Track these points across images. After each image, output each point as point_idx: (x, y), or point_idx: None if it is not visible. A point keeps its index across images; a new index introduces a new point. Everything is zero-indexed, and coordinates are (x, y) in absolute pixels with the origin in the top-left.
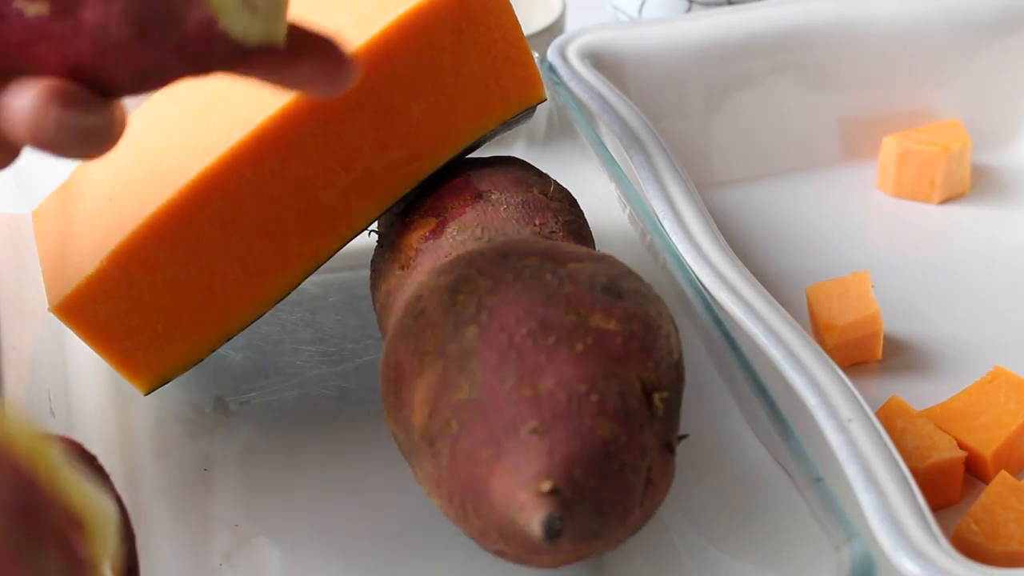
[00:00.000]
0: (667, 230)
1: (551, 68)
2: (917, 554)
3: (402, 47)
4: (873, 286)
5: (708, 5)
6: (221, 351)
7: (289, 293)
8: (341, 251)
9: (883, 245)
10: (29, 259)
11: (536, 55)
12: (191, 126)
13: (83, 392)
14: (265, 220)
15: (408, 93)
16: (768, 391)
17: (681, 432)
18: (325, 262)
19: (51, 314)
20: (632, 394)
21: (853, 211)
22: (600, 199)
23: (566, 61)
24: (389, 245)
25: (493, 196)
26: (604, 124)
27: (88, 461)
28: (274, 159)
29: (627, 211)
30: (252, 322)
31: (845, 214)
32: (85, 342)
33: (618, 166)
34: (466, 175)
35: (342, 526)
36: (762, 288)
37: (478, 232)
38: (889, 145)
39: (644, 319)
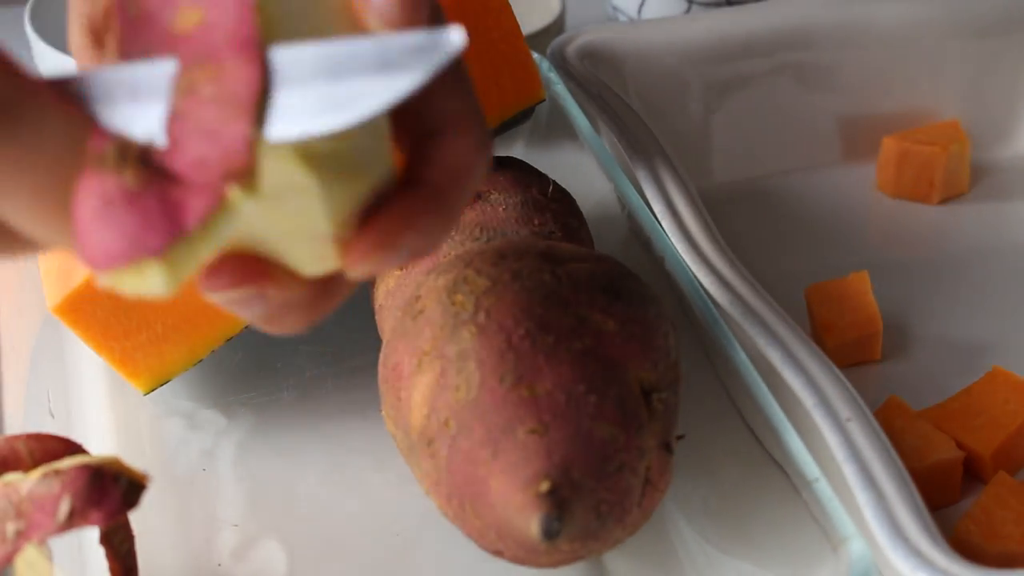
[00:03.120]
0: (666, 230)
1: (550, 68)
2: (915, 554)
3: None
4: (872, 286)
5: (708, 5)
6: (221, 351)
7: None
8: None
9: (883, 245)
10: (29, 259)
11: (535, 55)
12: None
13: (83, 392)
14: None
15: None
16: (766, 391)
17: (679, 432)
18: None
19: (51, 314)
20: (630, 395)
21: (853, 211)
22: (599, 199)
23: (565, 61)
24: None
25: (492, 196)
26: (603, 124)
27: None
28: None
29: (626, 211)
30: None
31: (845, 214)
32: (85, 342)
33: (617, 166)
34: None
35: (342, 526)
36: (761, 288)
37: (477, 232)
38: (889, 145)
39: (643, 320)
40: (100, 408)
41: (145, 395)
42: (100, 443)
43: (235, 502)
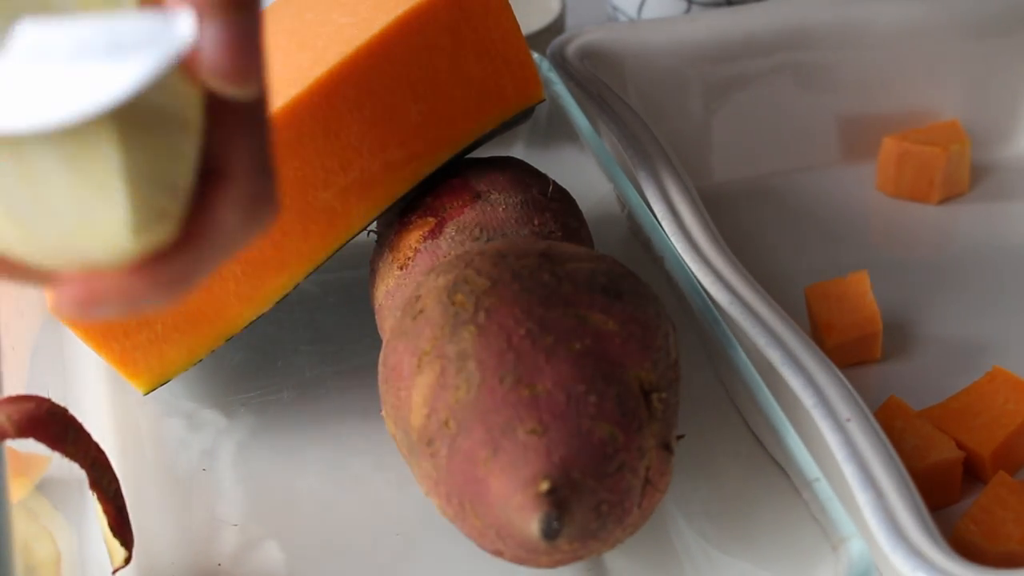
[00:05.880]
0: (666, 230)
1: (550, 68)
2: (915, 554)
3: (401, 48)
4: (872, 286)
5: (708, 5)
6: (221, 351)
7: (288, 293)
8: (340, 251)
9: (883, 245)
10: None
11: (535, 55)
12: None
13: (83, 392)
14: None
15: (407, 94)
16: (766, 391)
17: (679, 432)
18: (324, 262)
19: (51, 314)
20: (630, 394)
21: (853, 211)
22: (599, 199)
23: (565, 61)
24: (388, 245)
25: (492, 196)
26: (603, 124)
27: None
28: None
29: (626, 211)
30: (252, 322)
31: (845, 214)
32: (85, 342)
33: (617, 166)
34: (465, 175)
35: (342, 526)
36: (760, 288)
37: (476, 232)
38: (889, 145)
39: (642, 319)
40: (100, 408)
41: (145, 395)
42: (100, 443)
43: (235, 502)
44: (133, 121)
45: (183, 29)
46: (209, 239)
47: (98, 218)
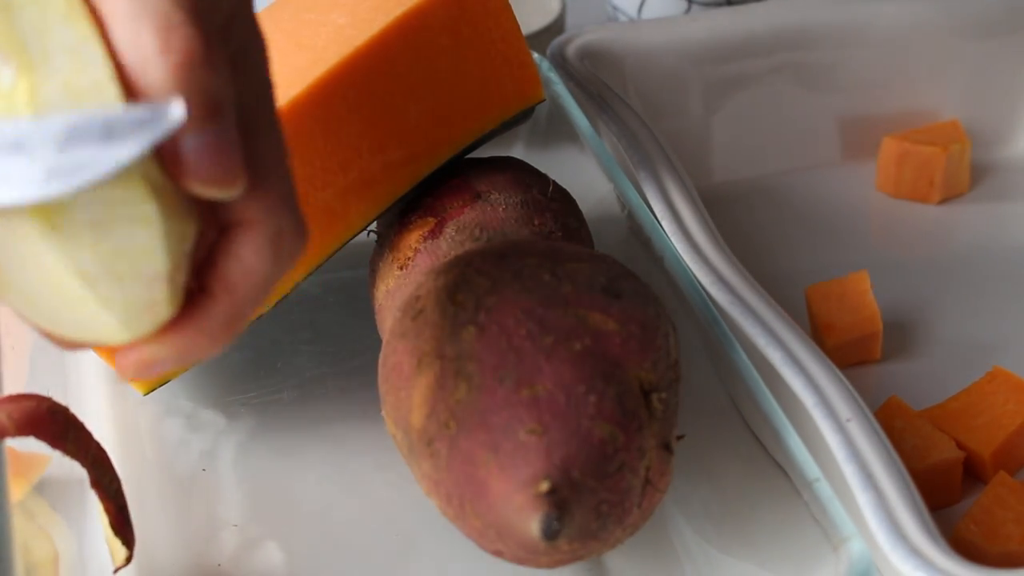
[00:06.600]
0: (666, 230)
1: (550, 68)
2: (915, 554)
3: (400, 48)
4: (872, 286)
5: (708, 5)
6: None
7: (288, 293)
8: (340, 251)
9: (883, 245)
10: None
11: (535, 55)
12: None
13: (83, 392)
14: None
15: (406, 94)
16: (766, 391)
17: (679, 432)
18: (324, 262)
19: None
20: (630, 395)
21: (853, 211)
22: (599, 199)
23: (565, 61)
24: (388, 245)
25: (492, 196)
26: (603, 124)
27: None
28: None
29: (626, 211)
30: (252, 322)
31: (845, 214)
32: None
33: (617, 166)
34: (465, 175)
35: (342, 526)
36: (761, 288)
37: (476, 232)
38: (889, 145)
39: (642, 319)
40: (100, 408)
41: (144, 395)
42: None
43: (235, 502)
44: (81, 241)
45: (172, 114)
46: (243, 287)
47: (93, 323)
